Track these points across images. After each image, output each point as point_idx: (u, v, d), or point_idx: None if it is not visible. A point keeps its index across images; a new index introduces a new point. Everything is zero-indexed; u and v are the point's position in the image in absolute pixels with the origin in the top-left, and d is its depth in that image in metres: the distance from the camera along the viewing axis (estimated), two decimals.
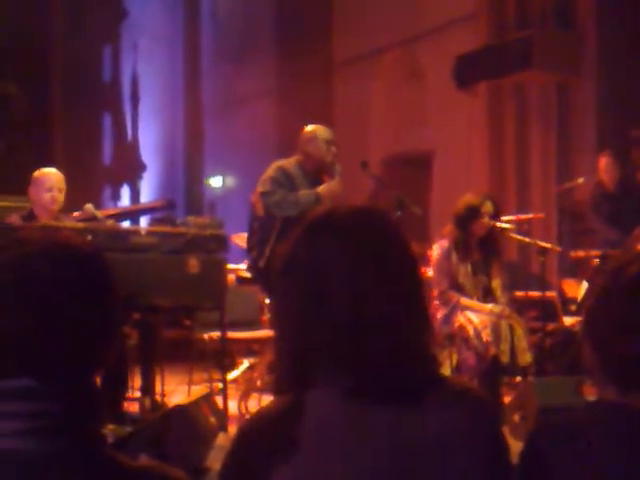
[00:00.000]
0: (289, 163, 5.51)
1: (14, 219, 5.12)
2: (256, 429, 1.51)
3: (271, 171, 5.45)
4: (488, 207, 5.40)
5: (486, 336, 5.15)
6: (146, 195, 13.74)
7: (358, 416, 1.44)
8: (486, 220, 5.36)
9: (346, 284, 1.46)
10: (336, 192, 5.38)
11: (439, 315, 5.28)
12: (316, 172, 5.45)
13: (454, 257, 5.41)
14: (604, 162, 6.84)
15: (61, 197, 5.21)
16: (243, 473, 1.46)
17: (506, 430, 4.56)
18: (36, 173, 5.30)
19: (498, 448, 1.54)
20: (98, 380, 1.38)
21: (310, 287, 1.48)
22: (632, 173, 6.47)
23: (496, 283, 5.51)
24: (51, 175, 5.26)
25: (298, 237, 1.55)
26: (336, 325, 1.46)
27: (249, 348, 6.72)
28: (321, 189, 5.35)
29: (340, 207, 1.57)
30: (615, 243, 6.29)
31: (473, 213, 5.37)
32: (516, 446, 1.69)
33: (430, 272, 5.47)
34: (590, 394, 4.35)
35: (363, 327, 1.46)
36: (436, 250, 5.44)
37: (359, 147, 8.98)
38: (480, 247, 5.49)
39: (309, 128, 5.56)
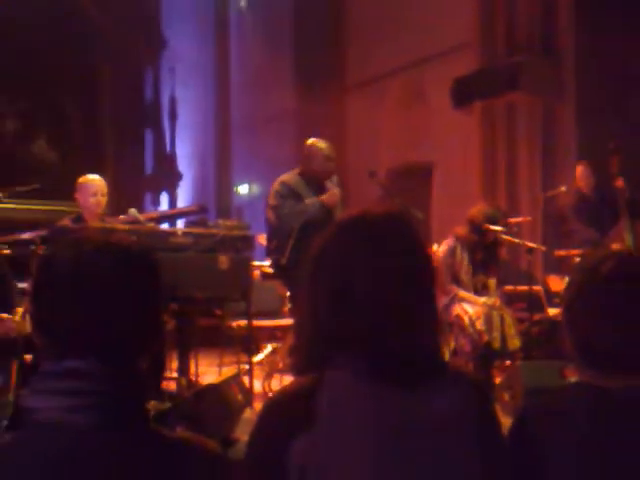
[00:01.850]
0: (291, 176, 5.51)
1: (66, 222, 5.13)
2: (278, 405, 1.52)
3: (276, 185, 5.46)
4: (503, 219, 5.44)
5: (480, 325, 5.15)
6: (182, 201, 13.75)
7: (369, 395, 1.45)
8: (498, 234, 5.37)
9: (371, 279, 1.47)
10: (337, 199, 5.39)
11: (440, 304, 5.27)
12: (317, 181, 5.45)
13: (458, 255, 5.41)
14: (580, 171, 6.82)
15: (104, 200, 5.21)
16: (267, 442, 1.47)
17: (497, 408, 4.54)
18: (81, 180, 5.28)
19: (491, 423, 1.55)
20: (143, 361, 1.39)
21: (337, 279, 1.49)
22: (608, 181, 6.43)
23: (492, 283, 5.51)
24: (95, 181, 5.25)
25: (330, 234, 1.56)
26: (357, 315, 1.46)
27: (272, 334, 6.73)
28: (324, 197, 5.36)
29: (372, 210, 1.56)
30: (593, 243, 6.26)
31: (488, 222, 5.37)
32: (506, 421, 1.69)
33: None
34: (571, 376, 4.33)
35: (381, 319, 1.46)
36: (443, 247, 5.45)
37: (369, 159, 8.97)
38: (483, 250, 5.49)
39: (310, 143, 5.53)
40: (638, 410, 1.64)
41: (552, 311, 6.18)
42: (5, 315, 3.89)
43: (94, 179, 5.26)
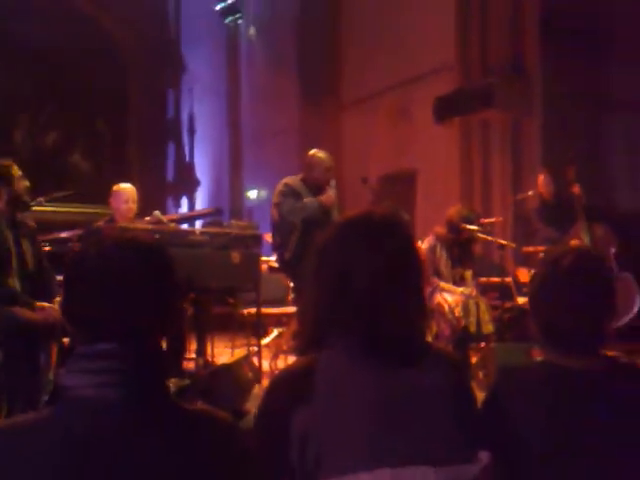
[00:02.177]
0: (293, 179, 5.50)
1: (99, 224, 5.13)
2: (282, 381, 1.52)
3: (280, 186, 5.46)
4: (476, 219, 5.44)
5: (458, 312, 5.14)
6: (199, 204, 13.76)
7: (361, 372, 1.45)
8: (475, 230, 5.37)
9: (368, 272, 1.47)
10: (332, 201, 5.38)
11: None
12: (316, 187, 5.44)
13: (438, 251, 5.41)
14: (541, 179, 6.81)
15: (134, 207, 5.21)
16: (273, 414, 1.47)
17: (473, 384, 4.54)
18: (115, 187, 5.28)
19: (467, 396, 1.55)
20: (164, 344, 1.39)
21: (338, 271, 1.49)
22: (567, 187, 6.42)
23: (468, 274, 5.51)
24: (127, 190, 5.24)
25: (332, 231, 1.56)
26: (354, 302, 1.47)
27: (278, 320, 6.72)
28: (322, 198, 5.35)
29: (371, 212, 1.56)
30: (553, 240, 6.24)
31: (466, 223, 5.37)
32: (480, 395, 1.69)
33: None
34: (537, 356, 4.33)
35: (375, 305, 1.46)
36: (425, 244, 5.44)
37: (362, 167, 8.96)
38: (459, 246, 5.49)
39: (312, 153, 5.52)
40: (593, 385, 1.64)
41: (521, 299, 6.18)
42: (46, 304, 3.89)
43: (126, 188, 5.25)
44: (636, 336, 5.91)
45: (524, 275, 6.66)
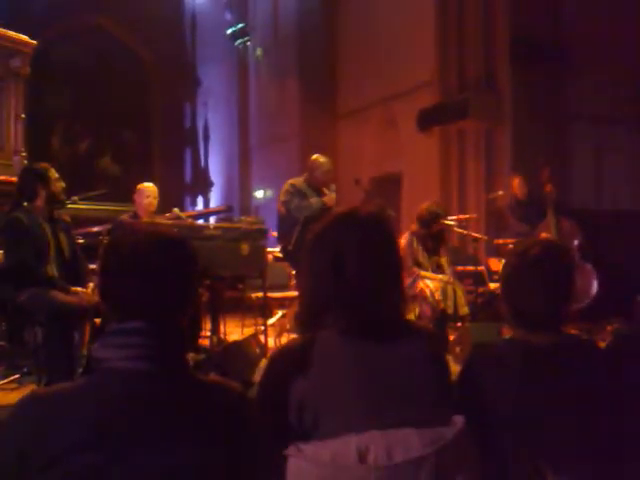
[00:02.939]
0: (298, 180, 5.49)
1: (125, 217, 5.12)
2: (281, 356, 1.52)
3: (286, 186, 5.45)
4: (447, 222, 5.43)
5: (438, 296, 5.14)
6: (213, 202, 13.74)
7: (351, 346, 1.45)
8: (444, 222, 5.38)
9: (356, 258, 1.47)
10: (333, 200, 5.39)
11: (406, 283, 5.26)
12: (317, 187, 5.44)
13: (415, 245, 5.40)
14: (516, 182, 6.81)
15: (155, 202, 5.20)
16: (273, 384, 1.47)
17: (450, 358, 4.56)
18: (139, 186, 5.26)
19: (445, 369, 1.55)
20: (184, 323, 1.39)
21: (331, 257, 1.48)
22: (539, 187, 6.42)
23: (444, 260, 5.50)
24: (149, 187, 5.23)
25: (327, 222, 1.56)
26: (345, 286, 1.47)
27: (281, 303, 6.72)
28: (325, 199, 5.36)
29: (361, 207, 1.56)
30: (524, 234, 6.25)
31: (434, 217, 5.35)
32: (456, 368, 1.70)
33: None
34: (506, 334, 4.35)
35: (363, 288, 1.46)
36: (403, 240, 5.43)
37: (354, 170, 8.94)
38: (433, 238, 5.49)
39: (315, 157, 5.51)
40: (555, 359, 1.65)
41: (492, 285, 6.20)
42: (80, 288, 3.89)
43: (148, 185, 5.25)
44: (593, 316, 5.93)
45: (495, 264, 6.67)
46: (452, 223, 5.73)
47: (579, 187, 8.33)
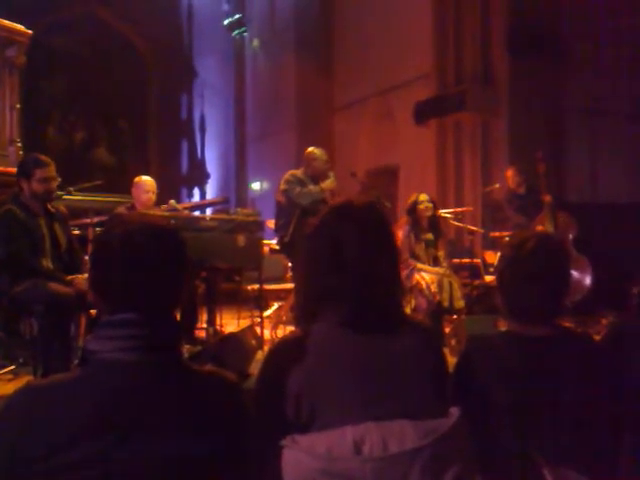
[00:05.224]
0: (298, 171, 5.57)
1: (121, 210, 5.09)
2: (279, 348, 1.53)
3: (287, 176, 5.51)
4: (422, 198, 5.45)
5: (433, 288, 5.14)
6: (209, 194, 13.73)
7: (347, 338, 1.45)
8: (422, 207, 5.40)
9: (355, 249, 1.47)
10: (332, 188, 5.45)
11: (403, 274, 5.27)
12: (316, 178, 5.48)
13: (412, 237, 5.41)
14: (509, 172, 6.82)
15: (154, 197, 5.16)
16: (271, 376, 1.47)
17: (446, 350, 4.56)
18: (137, 179, 5.21)
19: (441, 361, 1.55)
20: (178, 315, 1.38)
21: (329, 247, 1.48)
22: (534, 180, 6.42)
23: (441, 254, 5.51)
24: (148, 181, 5.18)
25: (326, 213, 1.56)
26: (343, 275, 1.46)
27: (278, 295, 6.73)
28: (324, 185, 5.42)
29: (358, 199, 1.57)
30: (521, 227, 6.25)
31: (413, 205, 5.42)
32: (452, 360, 1.70)
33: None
34: (502, 326, 4.35)
35: (361, 280, 1.46)
36: (401, 231, 5.44)
37: (351, 163, 8.95)
38: (430, 230, 5.49)
39: (310, 150, 5.60)
40: (549, 350, 1.65)
41: (488, 278, 6.21)
42: (77, 275, 3.86)
43: (147, 179, 5.18)
44: (588, 309, 5.95)
45: (491, 257, 6.69)
46: (448, 215, 5.74)
47: (575, 180, 8.34)
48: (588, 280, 6.09)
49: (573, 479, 1.47)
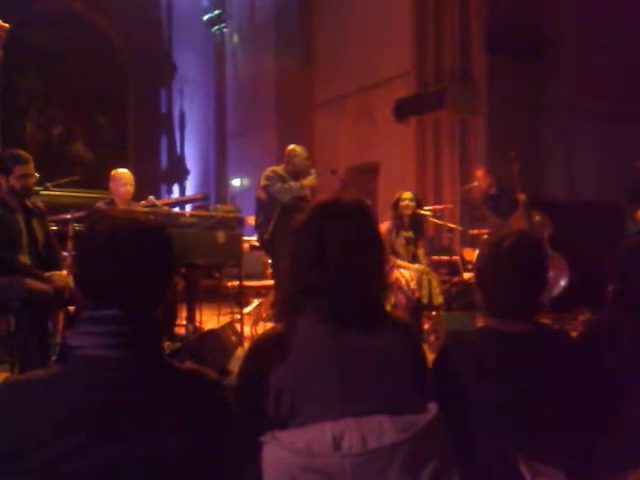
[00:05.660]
0: (278, 168, 5.57)
1: (100, 205, 5.05)
2: (260, 345, 1.53)
3: (268, 172, 5.51)
4: (405, 196, 5.49)
5: (413, 285, 5.18)
6: (189, 190, 13.64)
7: (328, 334, 1.46)
8: (403, 204, 5.44)
9: (339, 245, 1.47)
10: (313, 185, 5.46)
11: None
12: (296, 175, 5.49)
13: (393, 233, 5.44)
14: (479, 173, 6.88)
15: (132, 190, 5.11)
16: (253, 372, 1.48)
17: (425, 346, 4.58)
18: (114, 172, 5.13)
19: (420, 357, 1.56)
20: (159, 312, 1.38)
21: (314, 243, 1.49)
22: (508, 180, 6.47)
23: (420, 252, 5.54)
24: (125, 174, 5.12)
25: (312, 209, 1.56)
26: (326, 271, 1.47)
27: (257, 292, 6.72)
28: (305, 182, 5.42)
29: (344, 196, 1.57)
30: (499, 226, 6.29)
31: (396, 202, 5.46)
32: (431, 356, 1.71)
33: None
34: (479, 322, 4.39)
35: (343, 276, 1.47)
36: (382, 228, 5.46)
37: (331, 160, 8.95)
38: (411, 228, 5.53)
39: (291, 147, 5.60)
40: (526, 346, 1.67)
41: (466, 275, 6.25)
42: (55, 272, 3.82)
43: (124, 172, 5.13)
44: (565, 306, 6.02)
45: (469, 254, 6.73)
46: (428, 213, 5.77)
47: (552, 178, 8.43)
48: (563, 278, 6.16)
49: (549, 474, 1.49)
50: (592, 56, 8.22)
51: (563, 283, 6.17)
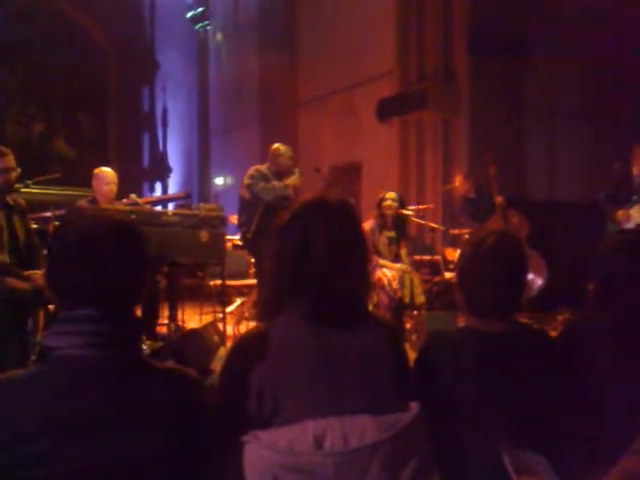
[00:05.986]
0: (262, 167, 5.56)
1: (82, 203, 5.01)
2: (242, 344, 1.52)
3: (251, 171, 5.50)
4: (388, 196, 5.51)
5: (395, 285, 5.19)
6: (172, 189, 13.57)
7: (309, 333, 1.46)
8: (385, 204, 5.46)
9: (323, 244, 1.47)
10: (296, 185, 5.46)
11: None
12: (280, 175, 5.48)
13: (377, 233, 5.45)
14: (457, 179, 6.92)
15: (115, 188, 5.08)
16: (234, 370, 1.47)
17: (407, 345, 4.60)
18: (97, 170, 5.09)
19: (402, 356, 1.57)
20: (139, 311, 1.37)
21: (298, 242, 1.49)
22: (486, 183, 6.51)
23: (403, 251, 5.56)
24: (108, 173, 5.09)
25: (297, 207, 1.56)
26: (309, 270, 1.47)
27: (240, 291, 6.70)
28: (288, 182, 5.42)
29: (328, 195, 1.57)
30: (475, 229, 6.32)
31: (380, 201, 5.48)
32: (413, 355, 1.72)
33: None
34: (461, 322, 4.41)
35: (326, 275, 1.47)
36: (365, 227, 5.47)
37: (314, 159, 8.95)
38: (394, 228, 5.54)
39: (276, 146, 5.59)
40: (506, 346, 1.69)
41: (448, 275, 6.28)
42: (35, 271, 3.79)
43: (107, 171, 5.09)
44: (545, 306, 6.07)
45: (451, 254, 6.77)
46: (410, 213, 5.79)
47: (533, 178, 8.50)
48: (540, 277, 6.22)
49: (533, 462, 1.50)
50: (575, 56, 8.29)
51: (540, 282, 6.22)
